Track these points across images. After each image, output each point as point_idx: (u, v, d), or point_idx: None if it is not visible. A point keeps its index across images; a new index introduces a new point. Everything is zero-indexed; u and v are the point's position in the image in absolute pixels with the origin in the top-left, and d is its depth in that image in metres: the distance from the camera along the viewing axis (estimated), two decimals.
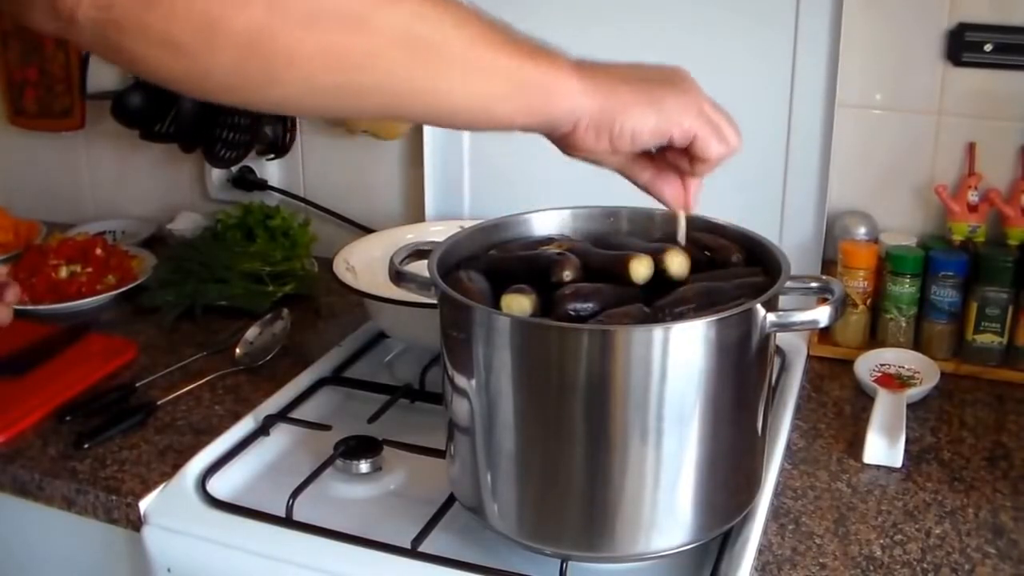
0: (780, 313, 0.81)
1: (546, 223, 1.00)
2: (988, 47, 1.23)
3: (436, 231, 1.31)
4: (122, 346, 1.30)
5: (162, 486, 1.02)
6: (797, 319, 0.82)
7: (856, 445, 1.07)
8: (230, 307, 1.41)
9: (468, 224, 1.02)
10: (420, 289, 0.89)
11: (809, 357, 1.26)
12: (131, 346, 1.30)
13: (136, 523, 1.00)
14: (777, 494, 0.99)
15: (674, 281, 0.88)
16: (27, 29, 0.57)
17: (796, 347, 1.26)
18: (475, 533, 0.92)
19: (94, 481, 1.03)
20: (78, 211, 1.82)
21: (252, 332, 1.32)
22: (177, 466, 1.04)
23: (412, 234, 1.34)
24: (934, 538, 0.93)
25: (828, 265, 1.31)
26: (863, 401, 1.17)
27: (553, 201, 1.02)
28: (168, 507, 0.99)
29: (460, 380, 0.85)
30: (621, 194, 1.07)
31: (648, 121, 0.78)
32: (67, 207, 1.83)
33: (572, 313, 0.82)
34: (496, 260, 0.93)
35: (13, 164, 1.86)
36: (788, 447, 1.08)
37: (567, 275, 0.86)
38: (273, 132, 1.57)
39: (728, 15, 1.27)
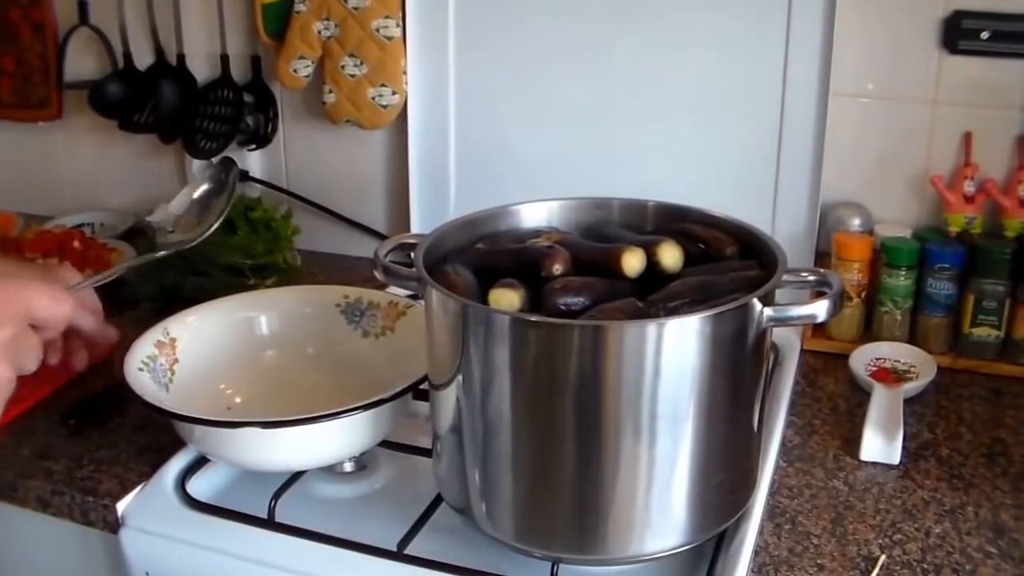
0: (777, 307, 0.79)
1: (534, 214, 0.97)
2: (985, 35, 1.21)
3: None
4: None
5: (140, 487, 0.99)
6: (795, 313, 0.80)
7: (852, 441, 1.05)
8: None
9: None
10: (406, 283, 0.87)
11: (802, 351, 1.24)
12: None
13: (113, 525, 0.97)
14: (773, 493, 0.97)
15: (667, 275, 0.86)
16: (2, 18, 0.53)
17: (789, 341, 1.24)
18: (463, 535, 0.89)
19: (70, 482, 1.00)
20: (55, 203, 1.78)
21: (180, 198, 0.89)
22: (156, 466, 1.01)
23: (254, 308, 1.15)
24: (934, 537, 0.91)
25: (821, 257, 1.29)
26: (858, 396, 1.14)
27: (541, 191, 0.99)
28: (147, 509, 0.97)
29: (447, 377, 0.82)
30: (611, 184, 1.05)
31: None
32: (44, 199, 1.78)
33: (563, 308, 0.80)
34: (484, 253, 0.91)
35: None
36: (783, 444, 1.06)
37: (557, 268, 0.84)
38: (255, 122, 1.54)
39: (720, 2, 1.24)
